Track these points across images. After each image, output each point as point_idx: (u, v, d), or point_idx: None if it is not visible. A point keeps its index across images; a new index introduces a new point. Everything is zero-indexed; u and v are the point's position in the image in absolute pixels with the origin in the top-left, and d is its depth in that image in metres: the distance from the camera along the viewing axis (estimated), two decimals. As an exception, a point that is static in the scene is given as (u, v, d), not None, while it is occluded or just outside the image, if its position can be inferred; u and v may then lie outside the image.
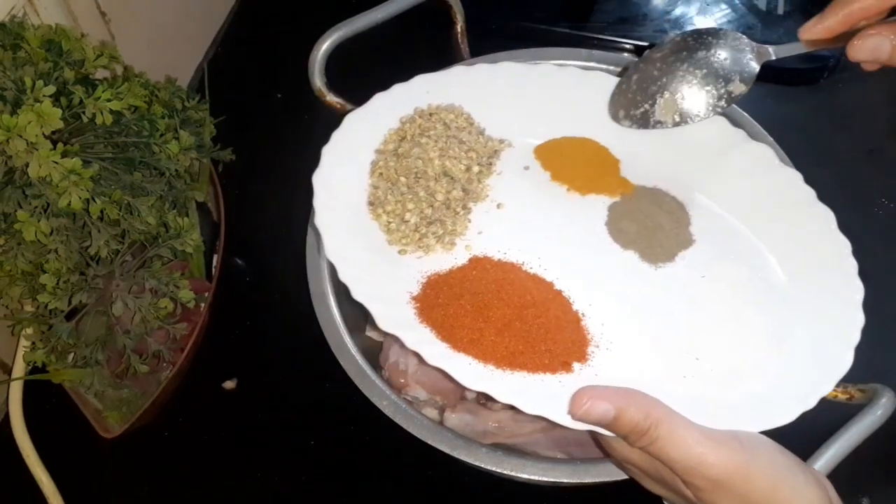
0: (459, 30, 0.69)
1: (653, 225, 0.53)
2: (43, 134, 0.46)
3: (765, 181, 0.53)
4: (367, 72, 0.66)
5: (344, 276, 0.46)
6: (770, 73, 0.78)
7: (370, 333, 0.58)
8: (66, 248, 0.50)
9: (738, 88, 0.50)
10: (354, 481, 0.58)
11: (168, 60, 0.75)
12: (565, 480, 0.46)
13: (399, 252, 0.50)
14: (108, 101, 0.50)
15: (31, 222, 0.48)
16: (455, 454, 0.47)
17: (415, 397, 0.53)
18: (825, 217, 0.51)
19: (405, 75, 0.59)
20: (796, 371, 0.45)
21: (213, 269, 0.63)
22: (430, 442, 0.47)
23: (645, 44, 0.78)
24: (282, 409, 0.61)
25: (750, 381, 0.45)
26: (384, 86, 0.59)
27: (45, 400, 0.58)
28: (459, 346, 0.44)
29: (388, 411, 0.48)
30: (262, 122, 0.77)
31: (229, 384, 0.62)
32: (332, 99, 0.63)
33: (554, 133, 0.57)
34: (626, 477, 0.45)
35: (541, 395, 0.42)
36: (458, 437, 0.47)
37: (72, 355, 0.56)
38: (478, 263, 0.49)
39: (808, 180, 0.52)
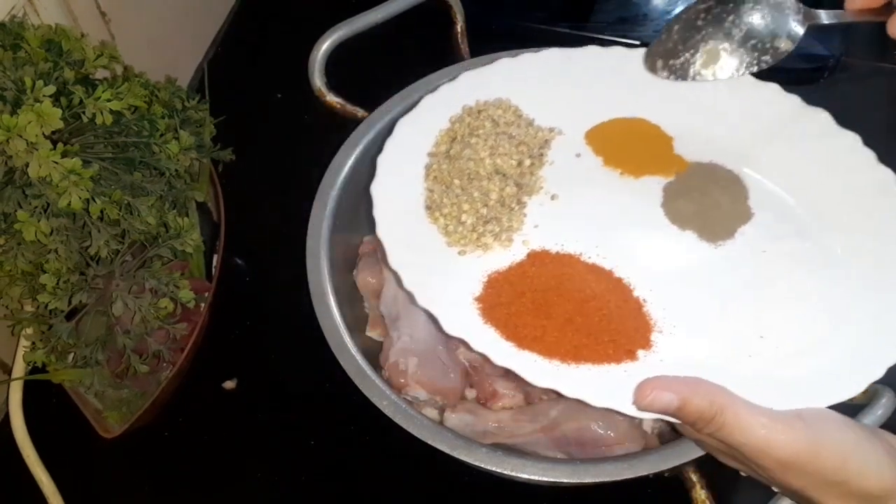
0: (459, 30, 0.69)
1: (710, 203, 0.51)
2: (43, 134, 0.46)
3: (821, 146, 0.52)
4: (366, 72, 0.66)
5: (408, 284, 0.46)
6: (770, 72, 0.78)
7: (370, 333, 0.58)
8: (66, 248, 0.50)
9: (785, 45, 0.48)
10: (354, 481, 0.58)
11: (168, 60, 0.75)
12: (565, 480, 0.46)
13: (459, 253, 0.49)
14: (108, 101, 0.50)
15: (31, 222, 0.48)
16: (455, 454, 0.47)
17: (415, 397, 0.53)
18: (886, 179, 0.49)
19: (405, 76, 0.59)
20: (860, 343, 0.44)
21: (213, 269, 0.63)
22: (430, 442, 0.47)
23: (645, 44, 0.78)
24: (282, 409, 0.61)
25: (815, 356, 0.44)
26: (384, 86, 0.59)
27: (45, 400, 0.58)
28: (524, 343, 0.44)
29: (388, 411, 0.48)
30: (262, 122, 0.77)
31: (229, 384, 0.62)
32: (331, 99, 0.63)
33: (604, 115, 0.56)
34: (624, 477, 0.45)
35: (607, 386, 0.42)
36: (458, 437, 0.47)
37: (72, 355, 0.55)
38: (536, 258, 0.49)
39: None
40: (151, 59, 0.70)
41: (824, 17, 0.48)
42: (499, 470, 0.46)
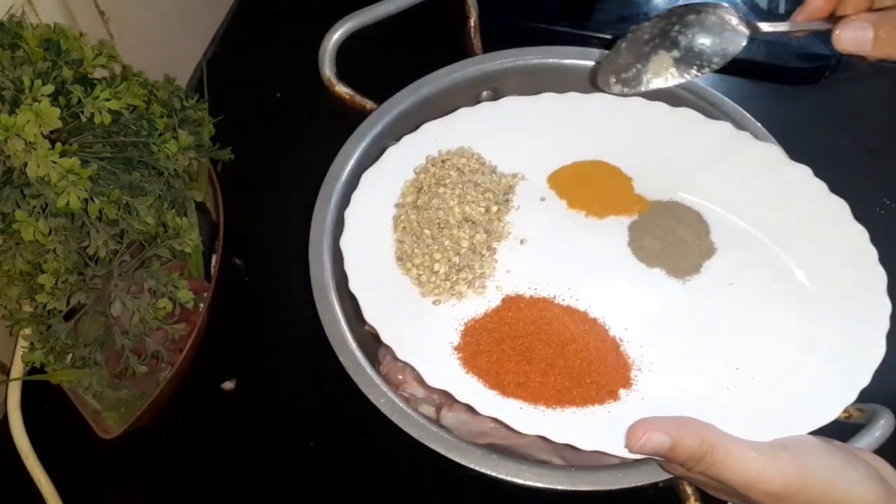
0: (473, 24, 0.69)
1: (674, 240, 0.53)
2: (41, 133, 0.46)
3: (775, 180, 0.54)
4: (376, 65, 0.66)
5: (387, 338, 0.46)
6: (771, 73, 0.78)
7: (369, 327, 0.58)
8: (65, 248, 0.50)
9: (732, 46, 0.49)
10: (354, 482, 0.58)
11: (167, 60, 0.75)
12: (560, 487, 0.46)
13: (433, 303, 0.50)
14: (107, 100, 0.50)
15: (30, 222, 0.48)
16: (450, 456, 0.46)
17: (412, 394, 0.53)
18: (839, 209, 0.51)
19: (415, 69, 0.59)
20: (833, 367, 0.45)
21: (212, 270, 0.62)
22: (426, 443, 0.47)
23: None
24: (281, 409, 0.61)
25: (790, 383, 0.45)
26: (394, 79, 0.59)
27: (44, 401, 0.58)
28: (508, 391, 0.45)
29: (386, 410, 0.48)
30: (262, 121, 0.77)
31: (228, 385, 0.62)
32: (340, 89, 0.63)
33: (564, 159, 0.58)
34: (620, 487, 0.45)
35: (593, 428, 0.43)
36: (454, 438, 0.47)
37: (70, 356, 0.55)
38: (511, 303, 0.50)
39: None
40: (150, 59, 0.69)
41: (767, 27, 0.49)
42: (493, 473, 0.46)
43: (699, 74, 0.50)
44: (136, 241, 0.54)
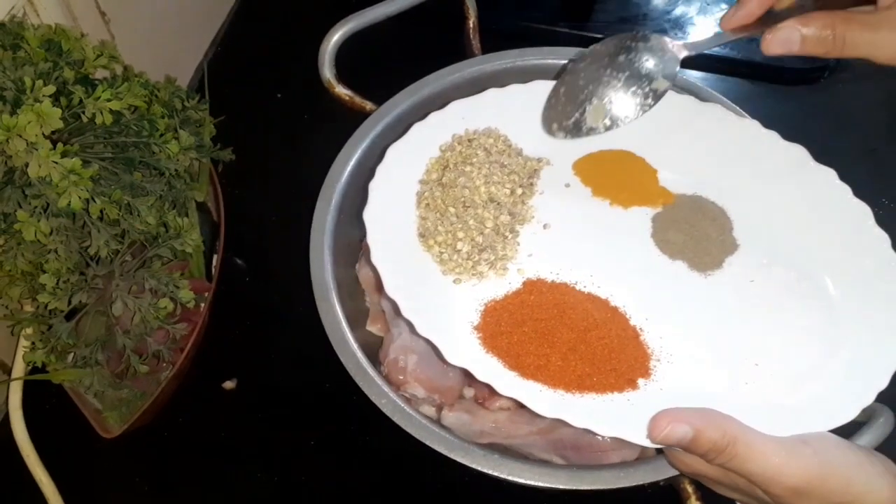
0: (472, 25, 0.69)
1: (698, 234, 0.53)
2: (43, 134, 0.46)
3: (800, 181, 0.54)
4: (376, 66, 0.66)
5: (407, 313, 0.46)
6: (770, 73, 0.78)
7: (371, 328, 0.58)
8: (66, 248, 0.50)
9: (662, 85, 0.50)
10: (354, 482, 0.58)
11: (168, 60, 0.75)
12: (561, 486, 0.46)
13: (454, 281, 0.50)
14: (108, 100, 0.50)
15: (31, 222, 0.48)
16: (452, 455, 0.47)
17: (413, 394, 0.53)
18: (862, 213, 0.51)
19: (415, 71, 0.59)
20: (852, 368, 0.46)
21: (213, 269, 0.62)
22: (427, 443, 0.47)
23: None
24: (282, 409, 0.61)
25: (809, 382, 0.45)
26: (394, 80, 0.59)
27: (45, 400, 0.58)
28: (528, 373, 0.45)
29: (387, 410, 0.48)
30: (262, 122, 0.77)
31: (229, 384, 0.62)
32: (341, 91, 0.63)
33: (590, 147, 0.58)
34: (620, 486, 0.45)
35: (612, 415, 0.43)
36: (455, 438, 0.47)
37: (71, 355, 0.55)
38: (533, 287, 0.50)
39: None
40: (151, 59, 0.70)
41: (702, 45, 0.49)
42: (495, 473, 0.46)
43: (635, 117, 0.51)
44: (137, 241, 0.54)
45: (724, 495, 0.43)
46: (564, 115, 0.53)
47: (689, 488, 0.48)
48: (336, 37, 0.62)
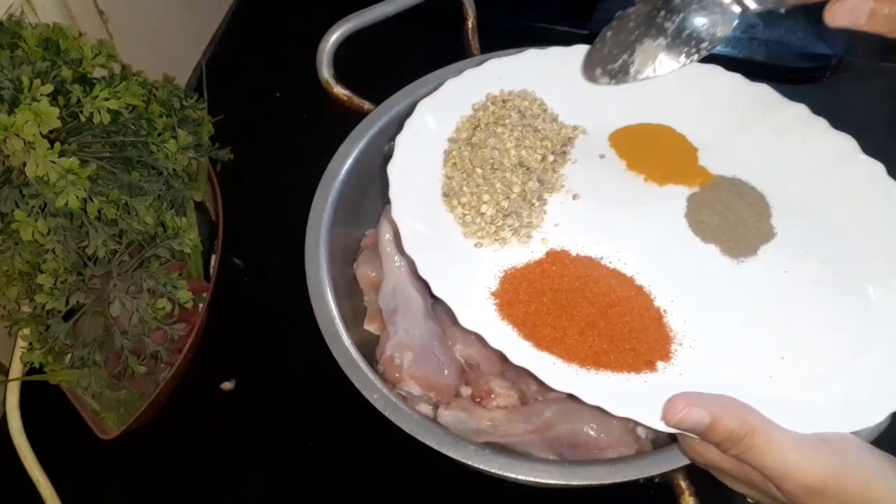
0: (470, 26, 0.69)
1: (734, 217, 0.51)
2: (40, 133, 0.45)
3: (846, 172, 0.52)
4: (375, 66, 0.66)
5: (423, 272, 0.44)
6: (771, 73, 0.78)
7: (368, 327, 0.58)
8: (64, 248, 0.50)
9: (721, 30, 0.47)
10: (354, 481, 0.58)
11: (166, 59, 0.75)
12: (553, 482, 0.45)
13: (475, 245, 0.48)
14: (106, 100, 0.50)
15: (29, 222, 0.48)
16: (443, 451, 0.46)
17: (409, 393, 0.52)
18: None
19: (413, 71, 0.59)
20: (882, 369, 0.44)
21: (212, 270, 0.62)
22: (418, 437, 0.46)
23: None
24: (280, 410, 0.61)
25: (835, 382, 0.44)
26: (392, 80, 0.59)
27: (43, 401, 0.58)
28: (542, 344, 0.43)
29: (379, 405, 0.47)
30: (261, 121, 0.77)
31: (227, 385, 0.62)
32: (339, 91, 0.63)
33: (629, 119, 0.56)
34: (612, 481, 0.45)
35: (627, 395, 0.42)
36: (447, 433, 0.47)
37: (69, 356, 0.55)
38: (556, 258, 0.48)
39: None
40: (149, 58, 0.69)
41: (756, 5, 0.47)
42: (487, 468, 0.46)
43: (688, 61, 0.48)
44: (135, 241, 0.54)
45: (736, 490, 0.42)
46: (610, 59, 0.50)
47: (684, 484, 0.47)
48: (334, 37, 0.62)
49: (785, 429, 0.39)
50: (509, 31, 0.81)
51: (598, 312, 0.45)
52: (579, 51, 0.56)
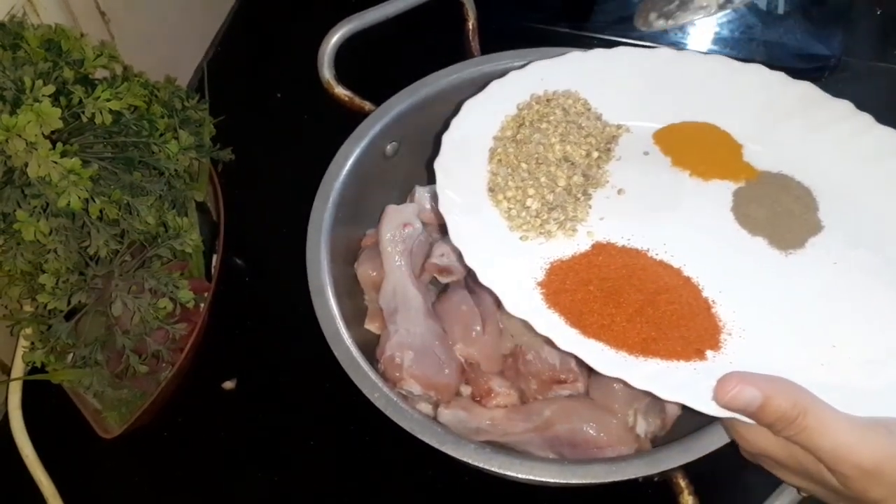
0: (471, 27, 0.69)
1: (781, 210, 0.51)
2: (42, 134, 0.46)
3: (892, 166, 0.52)
4: (375, 67, 0.66)
5: (470, 261, 0.45)
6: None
7: (368, 326, 0.58)
8: (66, 248, 0.50)
9: None
10: (354, 481, 0.58)
11: (167, 60, 0.75)
12: (551, 480, 0.46)
13: (521, 238, 0.48)
14: (108, 100, 0.50)
15: (31, 222, 0.48)
16: (444, 449, 0.46)
17: (409, 391, 0.53)
18: None
19: (414, 72, 0.59)
20: None
21: (213, 269, 0.63)
22: (418, 435, 0.46)
23: (645, 44, 0.78)
24: (281, 409, 0.61)
25: (889, 369, 0.43)
26: (393, 81, 0.59)
27: (45, 400, 0.58)
28: (590, 331, 0.43)
29: (380, 404, 0.47)
30: (262, 122, 0.77)
31: (229, 384, 0.62)
32: (340, 91, 0.63)
33: (672, 119, 0.56)
34: (611, 480, 0.45)
35: (676, 381, 0.41)
36: (447, 432, 0.47)
37: (71, 355, 0.55)
38: (602, 249, 0.48)
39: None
40: (151, 59, 0.70)
41: None
42: (487, 467, 0.46)
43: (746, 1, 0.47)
44: (136, 241, 0.54)
45: (789, 482, 0.41)
46: (666, 1, 0.50)
47: (682, 483, 0.47)
48: (336, 37, 0.62)
49: (837, 410, 0.37)
50: (510, 32, 0.81)
51: (645, 299, 0.45)
52: (621, 53, 0.56)
